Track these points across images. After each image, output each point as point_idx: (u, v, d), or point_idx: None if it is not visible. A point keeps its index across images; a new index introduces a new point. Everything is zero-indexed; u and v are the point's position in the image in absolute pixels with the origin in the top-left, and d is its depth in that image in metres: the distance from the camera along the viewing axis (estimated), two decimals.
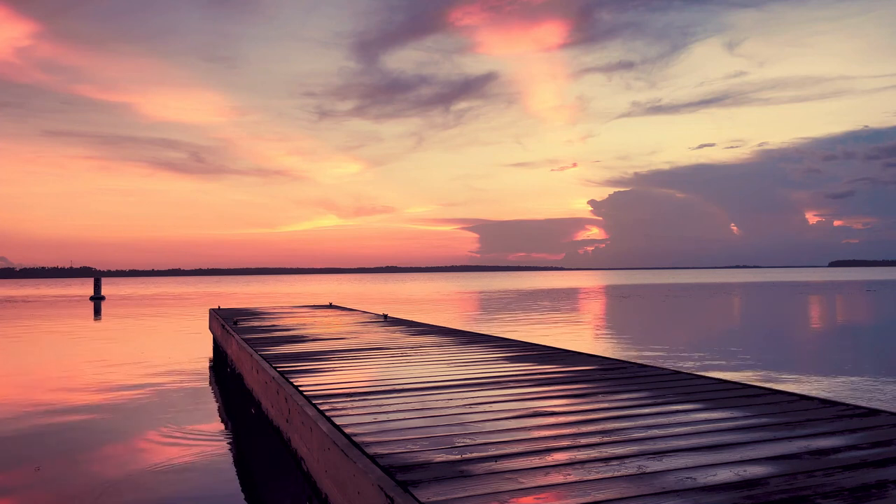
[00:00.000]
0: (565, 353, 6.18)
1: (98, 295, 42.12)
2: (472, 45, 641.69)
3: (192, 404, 8.69)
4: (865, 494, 2.21)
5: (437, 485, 2.36)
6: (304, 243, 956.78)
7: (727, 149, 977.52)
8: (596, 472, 2.50)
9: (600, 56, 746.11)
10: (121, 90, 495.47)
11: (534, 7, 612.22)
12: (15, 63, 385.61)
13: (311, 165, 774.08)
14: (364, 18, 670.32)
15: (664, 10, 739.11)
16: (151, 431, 7.21)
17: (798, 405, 3.66)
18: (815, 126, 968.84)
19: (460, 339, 7.53)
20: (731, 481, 2.35)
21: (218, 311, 13.15)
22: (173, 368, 11.88)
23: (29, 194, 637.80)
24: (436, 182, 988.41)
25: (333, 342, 7.37)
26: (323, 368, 5.38)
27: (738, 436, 3.02)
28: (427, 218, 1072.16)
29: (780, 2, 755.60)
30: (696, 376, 4.68)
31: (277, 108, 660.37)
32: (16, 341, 17.89)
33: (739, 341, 15.74)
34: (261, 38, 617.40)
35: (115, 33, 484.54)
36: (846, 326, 19.49)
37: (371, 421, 3.43)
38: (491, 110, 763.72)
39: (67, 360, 13.71)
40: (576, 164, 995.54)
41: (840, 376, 9.96)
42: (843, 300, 33.05)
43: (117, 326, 22.70)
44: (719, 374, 8.28)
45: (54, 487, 5.37)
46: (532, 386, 4.43)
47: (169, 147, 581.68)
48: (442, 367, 5.35)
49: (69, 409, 8.49)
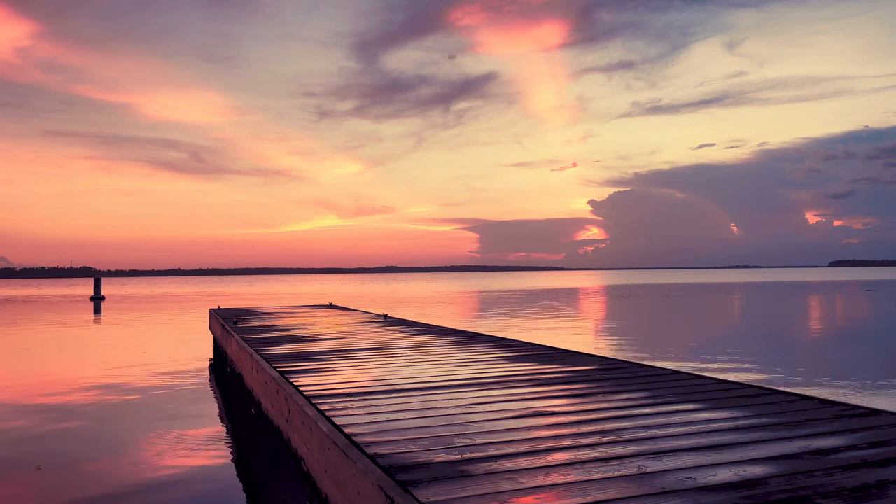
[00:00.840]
0: (565, 353, 6.17)
1: (98, 295, 42.12)
2: (472, 45, 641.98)
3: (192, 404, 8.69)
4: (865, 494, 2.21)
5: (437, 485, 2.36)
6: (304, 243, 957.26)
7: (727, 149, 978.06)
8: (596, 472, 2.50)
9: (600, 56, 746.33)
10: (121, 90, 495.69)
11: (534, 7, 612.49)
12: (15, 63, 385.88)
13: (311, 165, 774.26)
14: (364, 18, 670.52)
15: (664, 10, 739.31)
16: (151, 431, 7.21)
17: (798, 405, 3.66)
18: (816, 126, 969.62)
19: (460, 339, 7.53)
20: (731, 481, 2.35)
21: (218, 312, 13.15)
22: (173, 368, 11.88)
23: (29, 194, 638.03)
24: (436, 182, 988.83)
25: (333, 342, 7.37)
26: (323, 368, 5.38)
27: (738, 436, 3.02)
28: (427, 218, 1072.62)
29: (780, 2, 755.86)
30: (696, 376, 4.68)
31: (277, 108, 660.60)
32: (16, 341, 17.89)
33: (739, 341, 15.74)
34: (261, 38, 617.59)
35: (115, 33, 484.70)
36: (846, 326, 19.49)
37: (371, 421, 3.43)
38: (491, 110, 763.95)
39: (67, 360, 13.71)
40: (576, 164, 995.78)
41: (840, 376, 9.96)
42: (843, 300, 33.05)
43: (117, 326, 22.69)
44: (719, 374, 8.28)
45: (55, 487, 5.37)
46: (532, 386, 4.43)
47: (169, 147, 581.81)
48: (442, 367, 5.35)
49: (69, 409, 8.49)
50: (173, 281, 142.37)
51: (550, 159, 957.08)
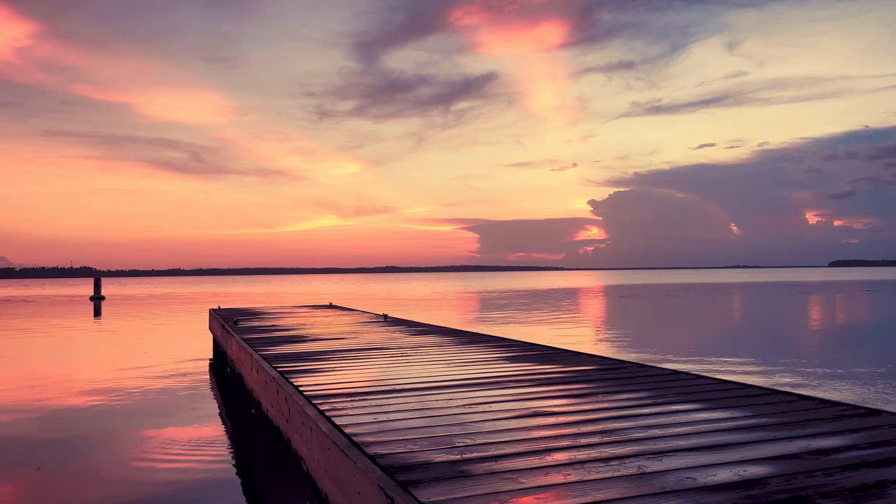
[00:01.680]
0: (565, 353, 6.17)
1: (98, 295, 42.13)
2: (472, 45, 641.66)
3: (192, 404, 8.69)
4: (865, 494, 2.21)
5: (437, 485, 2.36)
6: (304, 243, 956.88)
7: (727, 149, 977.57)
8: (596, 472, 2.50)
9: (600, 56, 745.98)
10: (121, 90, 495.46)
11: (534, 7, 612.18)
12: (15, 63, 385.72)
13: (311, 165, 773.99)
14: (364, 18, 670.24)
15: (664, 10, 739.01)
16: (151, 431, 7.21)
17: (798, 405, 3.65)
18: (816, 126, 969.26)
19: (460, 339, 7.53)
20: (731, 481, 2.35)
21: (218, 312, 13.14)
22: (173, 368, 11.88)
23: (29, 194, 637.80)
24: (436, 182, 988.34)
25: (333, 342, 7.37)
26: (323, 368, 5.38)
27: (738, 436, 3.02)
28: (427, 218, 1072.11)
29: (780, 2, 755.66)
30: (696, 376, 4.67)
31: (277, 108, 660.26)
32: (16, 341, 17.89)
33: (739, 341, 15.74)
34: (261, 38, 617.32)
35: (115, 33, 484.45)
36: (846, 326, 19.49)
37: (371, 421, 3.43)
38: (491, 110, 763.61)
39: (67, 360, 13.71)
40: (576, 164, 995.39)
41: (840, 376, 9.96)
42: (843, 300, 33.05)
43: (117, 326, 22.70)
44: (719, 374, 8.28)
45: (55, 487, 5.37)
46: (532, 386, 4.43)
47: (169, 147, 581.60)
48: (442, 367, 5.35)
49: (69, 409, 8.49)
50: (173, 281, 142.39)
51: (550, 159, 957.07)
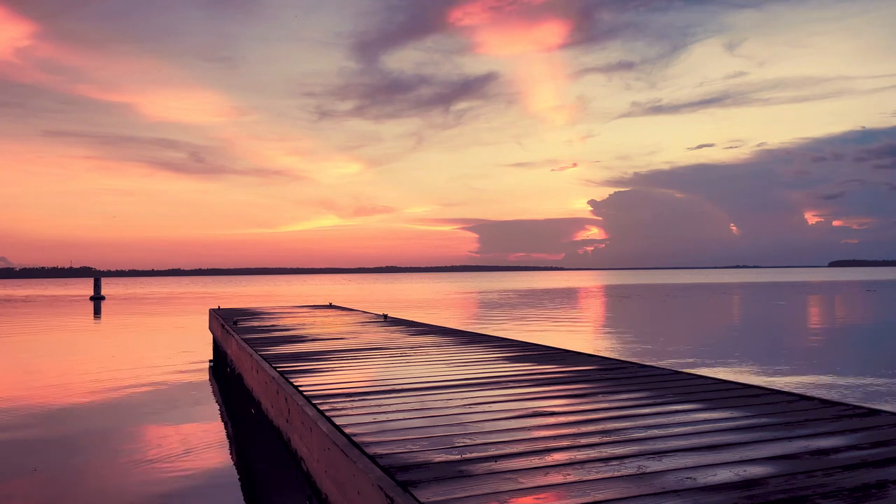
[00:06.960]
0: (565, 353, 6.17)
1: (98, 295, 42.13)
2: (472, 45, 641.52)
3: (192, 404, 8.69)
4: (865, 494, 2.21)
5: (436, 485, 2.36)
6: (304, 243, 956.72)
7: (727, 149, 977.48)
8: (596, 472, 2.50)
9: (600, 56, 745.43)
10: (121, 90, 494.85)
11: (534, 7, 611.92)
12: (15, 63, 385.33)
13: (310, 165, 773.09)
14: (364, 18, 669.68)
15: (664, 10, 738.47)
16: (151, 431, 7.21)
17: (798, 405, 3.65)
18: (815, 126, 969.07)
19: (460, 339, 7.53)
20: (731, 481, 2.35)
21: (218, 312, 13.15)
22: (173, 368, 11.88)
23: (29, 194, 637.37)
24: (436, 182, 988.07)
25: (333, 342, 7.37)
26: (323, 368, 5.38)
27: (738, 436, 3.02)
28: (427, 218, 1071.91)
29: (780, 2, 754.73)
30: (696, 376, 4.67)
31: (277, 108, 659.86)
32: (15, 341, 17.89)
33: (739, 341, 15.74)
34: (261, 38, 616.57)
35: (115, 33, 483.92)
36: (846, 326, 19.49)
37: (371, 421, 3.43)
38: (491, 110, 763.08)
39: (67, 360, 13.71)
40: (576, 165, 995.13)
41: (840, 376, 9.96)
42: (843, 300, 33.06)
43: (117, 326, 22.70)
44: (719, 374, 8.28)
45: (53, 488, 5.37)
46: (532, 386, 4.43)
47: (169, 147, 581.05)
48: (442, 367, 5.35)
49: (68, 410, 8.49)
50: (173, 281, 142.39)
51: (550, 159, 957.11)
